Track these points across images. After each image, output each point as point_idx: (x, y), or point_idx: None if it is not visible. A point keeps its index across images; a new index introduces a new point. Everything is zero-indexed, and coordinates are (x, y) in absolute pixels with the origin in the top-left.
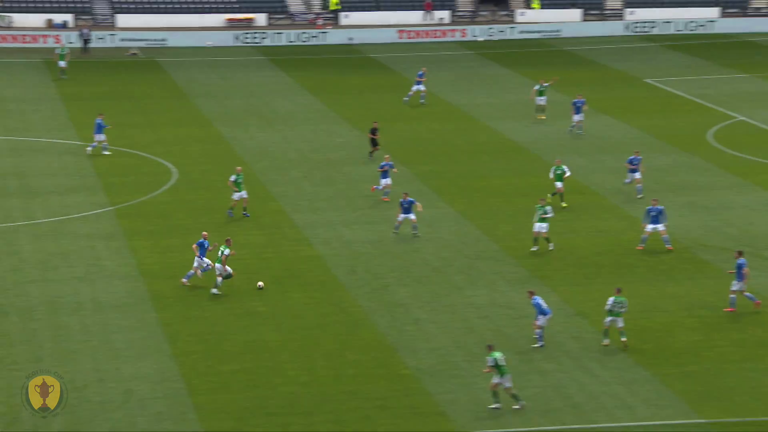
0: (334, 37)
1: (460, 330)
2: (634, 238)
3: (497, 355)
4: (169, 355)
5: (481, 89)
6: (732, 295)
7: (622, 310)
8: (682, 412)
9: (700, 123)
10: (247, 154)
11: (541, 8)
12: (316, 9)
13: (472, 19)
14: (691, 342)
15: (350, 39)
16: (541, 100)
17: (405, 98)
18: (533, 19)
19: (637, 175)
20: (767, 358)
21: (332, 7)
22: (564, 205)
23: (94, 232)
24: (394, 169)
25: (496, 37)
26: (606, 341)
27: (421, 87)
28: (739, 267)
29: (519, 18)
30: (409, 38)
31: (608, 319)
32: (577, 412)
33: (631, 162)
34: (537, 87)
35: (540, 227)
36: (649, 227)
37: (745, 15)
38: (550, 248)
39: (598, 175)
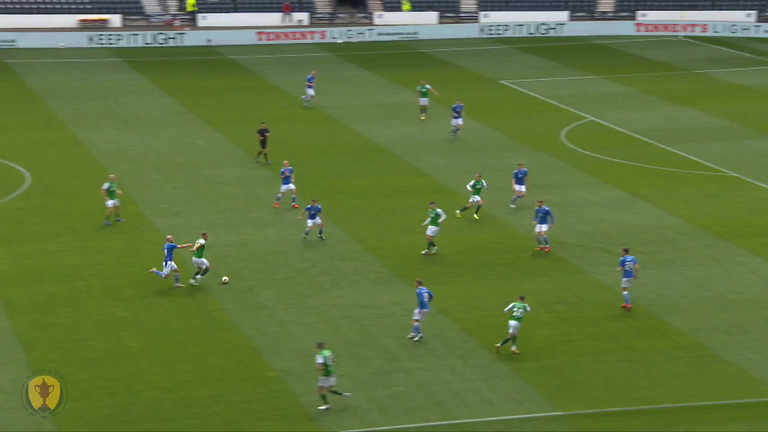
0: (192, 38)
1: (325, 331)
2: (493, 236)
3: (327, 353)
4: (25, 364)
5: (341, 91)
6: (624, 292)
7: (520, 314)
8: (540, 405)
9: (553, 123)
10: (104, 157)
11: (410, 9)
12: (173, 10)
13: (331, 21)
14: (548, 337)
15: (209, 41)
16: (424, 101)
17: (304, 99)
18: (391, 22)
19: (523, 189)
20: (619, 350)
21: (189, 9)
22: (476, 217)
23: None
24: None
25: (354, 39)
26: (514, 348)
27: (311, 91)
28: (622, 263)
29: (377, 20)
30: (269, 40)
31: (513, 324)
32: (441, 409)
33: (515, 175)
34: (419, 88)
35: (432, 231)
36: (538, 227)
37: (592, 18)
38: (434, 251)
39: (458, 176)
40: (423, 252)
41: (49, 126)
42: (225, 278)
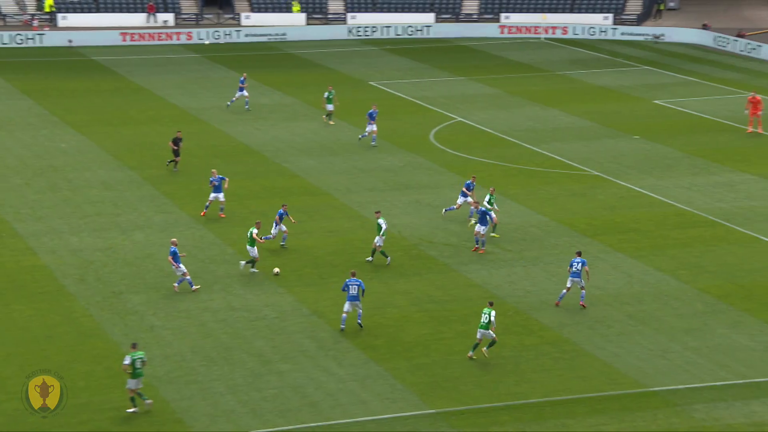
0: (52, 39)
1: (196, 335)
2: (365, 237)
3: (138, 355)
4: None
5: (210, 92)
6: (563, 290)
7: (486, 320)
8: (412, 404)
9: (422, 124)
10: None
11: (300, 11)
12: (31, 10)
13: (197, 22)
14: (420, 335)
15: (70, 41)
16: (330, 107)
17: (228, 102)
18: (259, 23)
19: (469, 199)
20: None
21: (47, 9)
22: (495, 235)
23: None
24: (226, 185)
25: (222, 41)
26: (471, 353)
27: (245, 93)
28: (571, 264)
29: (244, 21)
30: (133, 41)
31: (480, 332)
32: (315, 411)
33: (468, 187)
34: (326, 94)
35: (379, 241)
36: (478, 227)
37: (457, 20)
38: (387, 262)
39: (329, 177)
40: (367, 259)
41: None
42: (276, 270)
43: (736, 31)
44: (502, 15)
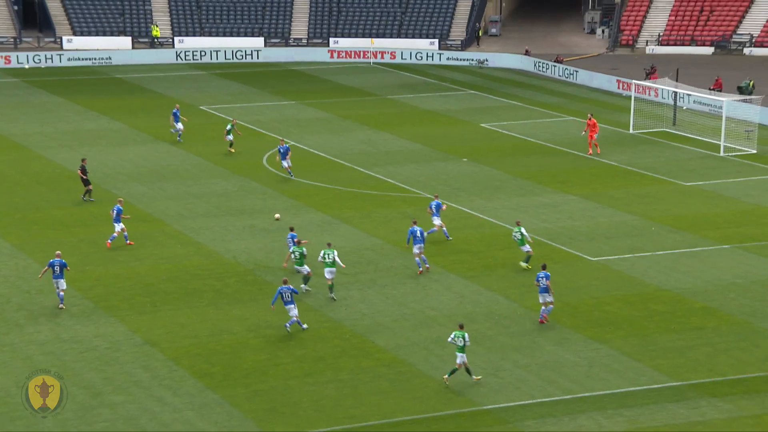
0: None
1: (22, 369)
2: (200, 263)
3: None
4: None
5: (31, 118)
6: (543, 307)
7: (462, 343)
8: (250, 431)
9: (254, 148)
10: None
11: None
12: None
13: (16, 45)
14: (257, 361)
15: None
16: (229, 137)
17: (178, 138)
18: (82, 46)
19: (438, 221)
20: (327, 371)
21: None
22: (528, 266)
23: None
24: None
25: (43, 65)
26: (446, 376)
27: (180, 125)
28: (537, 279)
29: (67, 45)
30: None
31: (460, 356)
32: None
33: (436, 207)
34: (228, 126)
35: (330, 273)
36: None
37: (287, 45)
38: (331, 296)
39: (160, 203)
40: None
41: None
42: (277, 215)
43: (554, 56)
44: (332, 39)
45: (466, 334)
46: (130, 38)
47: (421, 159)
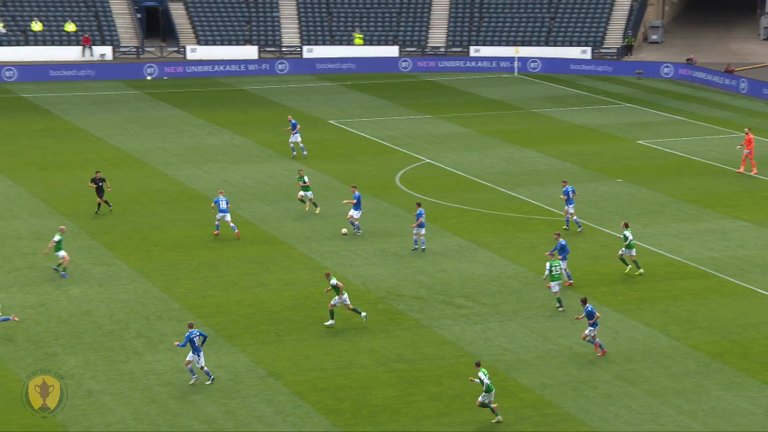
0: None
1: (140, 400)
2: (323, 290)
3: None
4: None
5: (152, 132)
6: (589, 340)
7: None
8: None
9: (387, 166)
10: None
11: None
12: None
13: (138, 55)
14: (388, 398)
15: None
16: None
17: (304, 152)
18: (206, 56)
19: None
20: (464, 411)
21: None
22: (638, 271)
23: None
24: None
25: (165, 76)
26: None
27: (296, 137)
28: (591, 314)
29: (190, 55)
30: (67, 76)
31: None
32: None
33: (565, 193)
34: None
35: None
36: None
37: (423, 53)
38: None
39: (285, 224)
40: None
41: None
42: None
43: (724, 65)
44: (472, 48)
45: (485, 375)
46: (256, 47)
47: (570, 179)
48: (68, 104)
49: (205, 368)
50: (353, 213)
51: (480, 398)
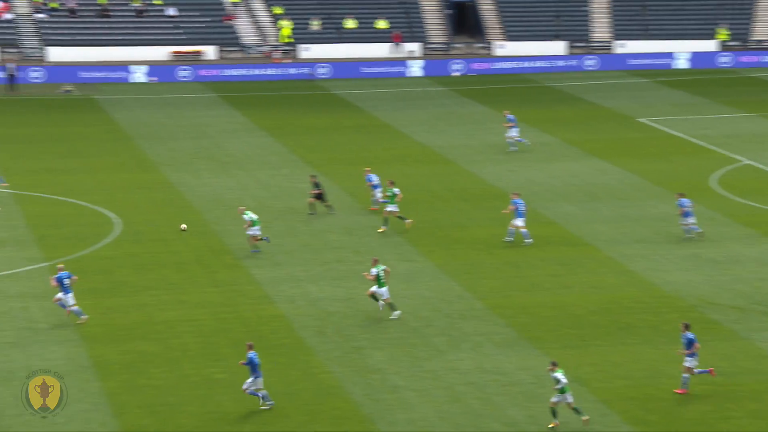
0: (292, 71)
1: (443, 399)
2: (634, 295)
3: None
4: (115, 429)
5: (458, 129)
6: (685, 375)
7: (557, 386)
8: None
9: (701, 167)
10: (198, 201)
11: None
12: (272, 41)
13: (446, 52)
14: (702, 413)
15: (310, 74)
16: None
17: (526, 142)
18: (513, 52)
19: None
20: None
21: (282, 40)
22: None
23: (26, 291)
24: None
25: (471, 72)
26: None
27: (513, 132)
28: (690, 342)
29: (498, 51)
30: (376, 73)
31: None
32: None
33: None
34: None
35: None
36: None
37: (745, 48)
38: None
39: (591, 225)
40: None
41: (140, 167)
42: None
43: None
44: None
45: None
46: (565, 43)
47: None
48: (377, 100)
49: (261, 392)
50: (517, 222)
51: (553, 398)
